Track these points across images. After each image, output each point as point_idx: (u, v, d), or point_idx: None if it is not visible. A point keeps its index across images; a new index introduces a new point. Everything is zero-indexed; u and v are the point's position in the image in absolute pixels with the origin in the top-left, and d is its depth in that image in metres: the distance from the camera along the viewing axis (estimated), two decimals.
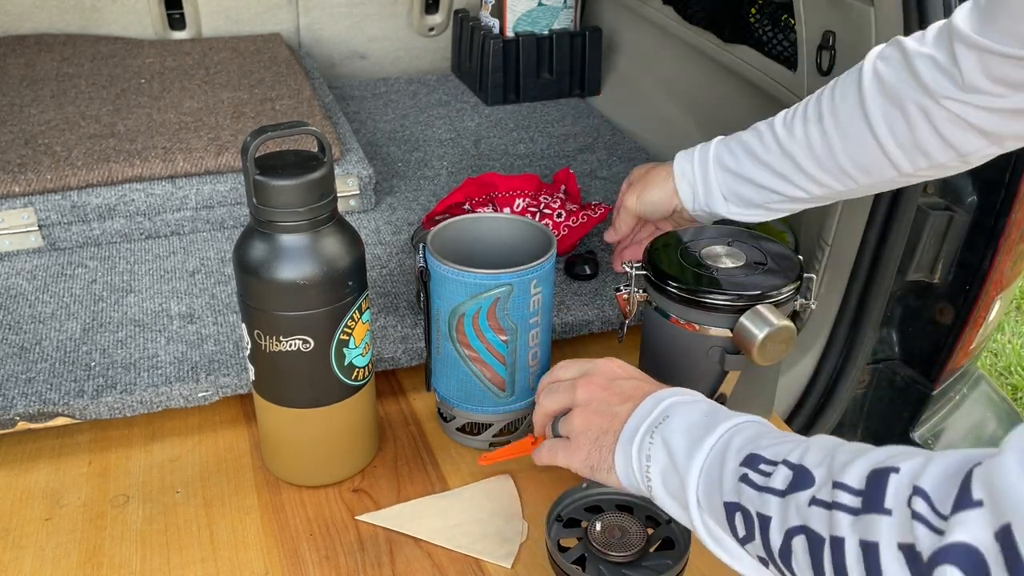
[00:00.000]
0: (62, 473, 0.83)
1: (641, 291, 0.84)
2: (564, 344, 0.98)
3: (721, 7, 1.27)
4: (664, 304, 0.81)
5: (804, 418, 1.13)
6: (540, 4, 1.55)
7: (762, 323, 0.75)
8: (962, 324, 1.05)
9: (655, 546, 0.69)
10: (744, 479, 0.53)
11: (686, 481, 0.57)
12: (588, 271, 1.03)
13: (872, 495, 0.45)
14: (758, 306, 0.77)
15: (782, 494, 0.51)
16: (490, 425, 0.84)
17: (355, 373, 0.77)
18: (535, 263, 0.77)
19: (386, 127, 1.48)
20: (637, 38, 1.57)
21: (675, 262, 0.82)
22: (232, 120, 1.23)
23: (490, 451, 0.80)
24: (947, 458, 0.44)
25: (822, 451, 0.51)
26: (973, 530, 0.39)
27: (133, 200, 1.09)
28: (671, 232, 0.88)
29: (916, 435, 1.14)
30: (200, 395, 0.87)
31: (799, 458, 0.51)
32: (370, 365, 0.80)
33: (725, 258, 0.82)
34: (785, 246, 0.86)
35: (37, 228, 1.06)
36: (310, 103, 1.30)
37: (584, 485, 0.73)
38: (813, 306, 0.81)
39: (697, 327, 0.79)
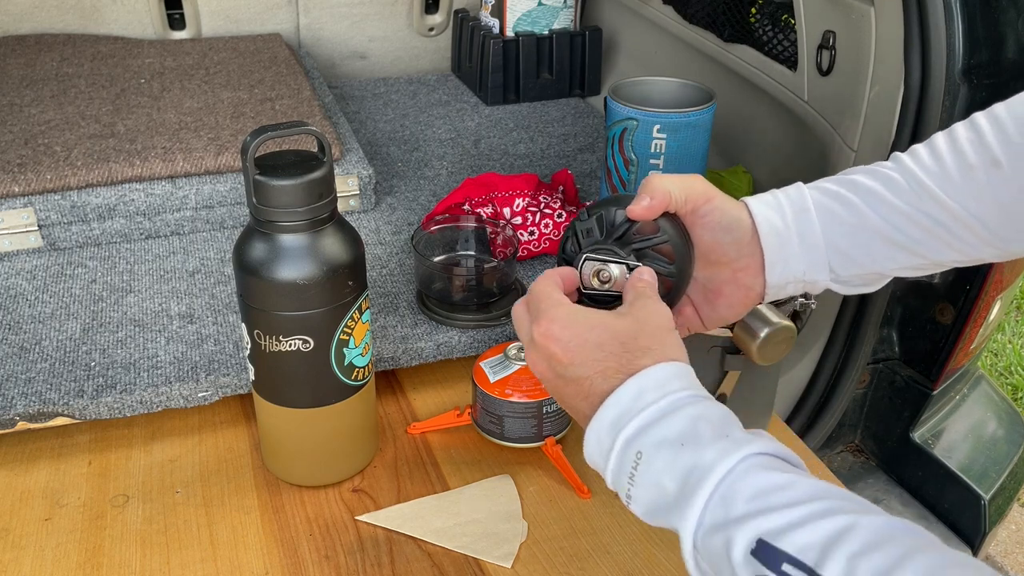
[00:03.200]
0: (62, 473, 0.83)
1: None
2: None
3: (721, 7, 1.27)
4: None
5: (804, 418, 1.13)
6: (540, 4, 1.55)
7: (762, 323, 0.75)
8: (962, 324, 1.05)
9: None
10: None
11: (681, 538, 0.49)
12: None
13: None
14: (758, 306, 0.77)
15: None
16: None
17: (355, 373, 0.77)
18: (662, 109, 1.00)
19: (386, 127, 1.48)
20: (637, 38, 1.57)
21: None
22: (232, 120, 1.23)
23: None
24: None
25: (873, 572, 0.41)
26: None
27: (133, 200, 1.09)
28: None
29: (916, 435, 1.14)
30: (200, 395, 0.86)
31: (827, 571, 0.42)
32: (370, 365, 0.80)
33: None
34: None
35: (37, 228, 1.06)
36: (310, 103, 1.30)
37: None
38: (813, 306, 0.81)
39: None
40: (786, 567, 0.43)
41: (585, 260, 0.63)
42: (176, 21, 1.58)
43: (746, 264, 0.66)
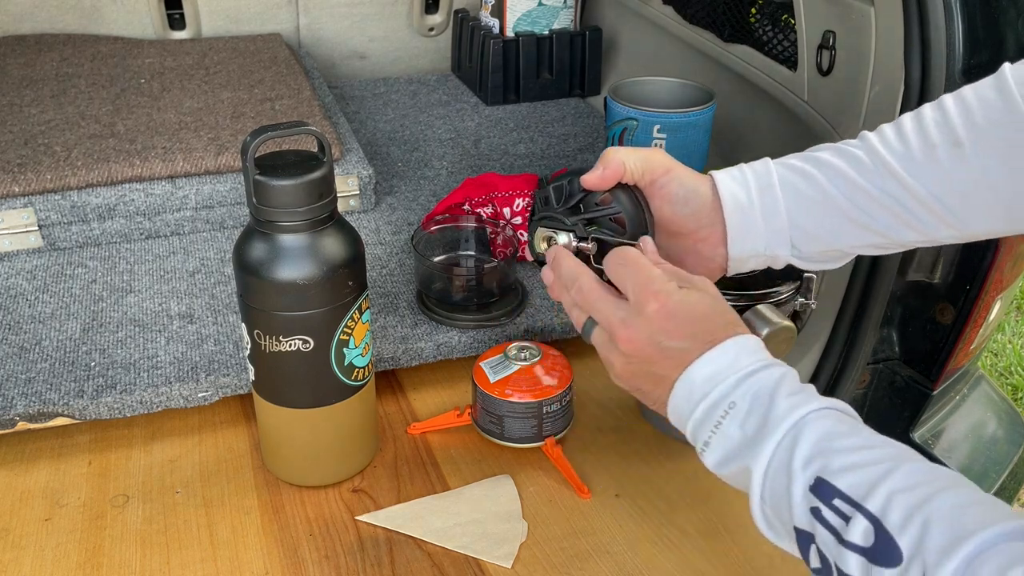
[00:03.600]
0: (62, 473, 0.83)
1: None
2: (564, 344, 0.97)
3: (721, 7, 1.27)
4: None
5: None
6: (540, 4, 1.55)
7: (762, 323, 0.76)
8: (962, 324, 1.05)
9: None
10: (817, 514, 0.49)
11: (751, 480, 0.54)
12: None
13: None
14: (758, 306, 0.77)
15: (865, 554, 0.46)
16: None
17: (355, 373, 0.77)
18: (662, 109, 1.00)
19: (386, 127, 1.48)
20: (637, 38, 1.57)
21: None
22: (232, 120, 1.23)
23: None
24: None
25: (907, 508, 0.46)
26: None
27: (133, 200, 1.09)
28: None
29: (916, 435, 1.14)
30: (200, 395, 0.86)
31: (881, 510, 0.47)
32: (370, 365, 0.80)
33: None
34: None
35: (37, 228, 1.06)
36: (310, 103, 1.30)
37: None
38: (813, 306, 0.81)
39: None
40: (837, 502, 0.48)
41: (537, 228, 0.66)
42: (176, 21, 1.58)
43: (706, 235, 0.68)
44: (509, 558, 0.74)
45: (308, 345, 0.73)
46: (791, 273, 0.80)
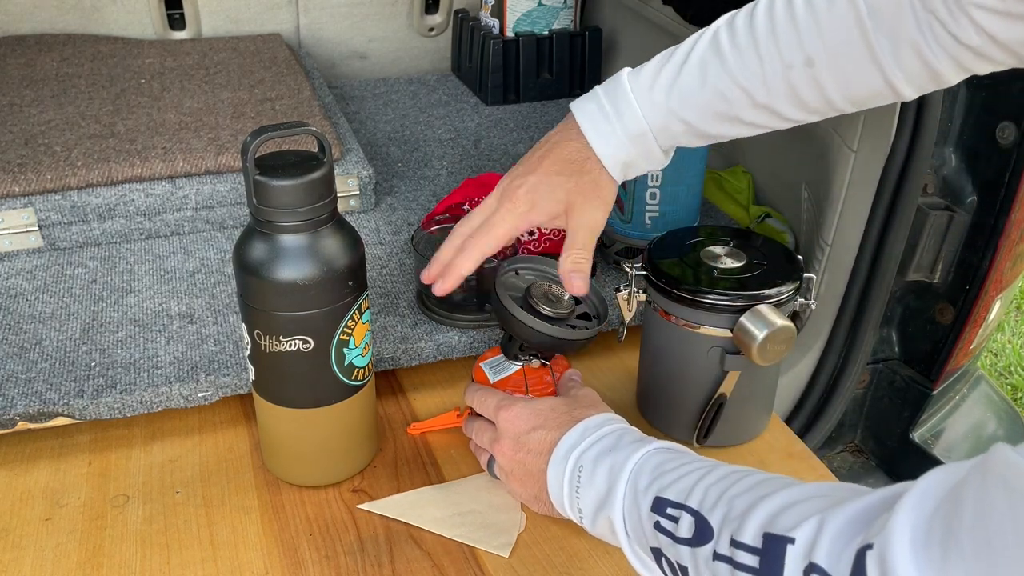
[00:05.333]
0: (62, 473, 0.83)
1: (641, 291, 0.84)
2: None
3: (721, 7, 1.27)
4: (664, 304, 0.81)
5: (804, 418, 1.13)
6: (540, 4, 1.55)
7: (762, 323, 0.76)
8: (962, 324, 1.05)
9: (579, 314, 0.83)
10: (658, 527, 0.57)
11: (614, 525, 0.62)
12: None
13: (770, 563, 0.47)
14: (758, 306, 0.77)
15: (690, 544, 0.54)
16: (613, 243, 1.04)
17: (355, 373, 0.77)
18: None
19: (386, 127, 1.48)
20: (637, 38, 1.57)
21: (675, 262, 0.82)
22: (232, 120, 1.23)
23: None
24: (838, 522, 0.45)
25: (718, 494, 0.54)
26: None
27: (133, 200, 1.09)
28: (670, 232, 0.88)
29: (916, 435, 1.14)
30: (200, 395, 0.87)
31: (699, 503, 0.55)
32: (370, 365, 0.80)
33: (725, 258, 0.82)
34: (785, 246, 0.86)
35: (37, 228, 1.06)
36: (310, 103, 1.30)
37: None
38: (813, 306, 0.81)
39: (697, 327, 0.79)
40: (669, 509, 0.57)
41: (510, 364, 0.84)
42: (176, 21, 1.58)
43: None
44: (507, 548, 0.74)
45: (308, 345, 0.73)
46: (791, 273, 0.80)
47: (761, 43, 0.67)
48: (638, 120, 0.72)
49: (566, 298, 0.83)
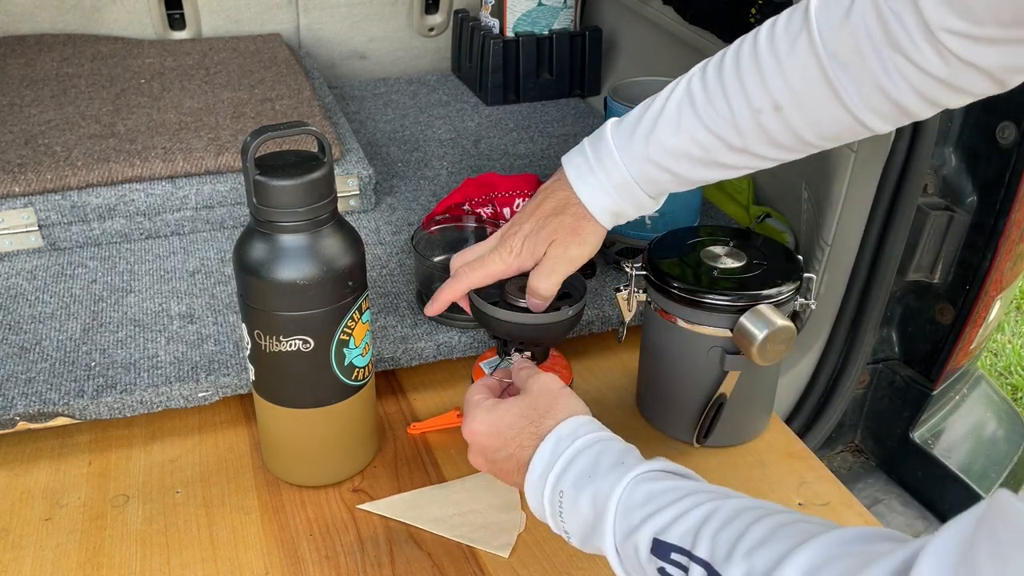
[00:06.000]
0: (62, 473, 0.83)
1: (641, 291, 0.84)
2: (564, 344, 0.98)
3: (721, 7, 1.27)
4: (664, 304, 0.81)
5: (804, 418, 1.14)
6: (540, 4, 1.55)
7: (762, 323, 0.76)
8: (962, 324, 1.05)
9: (560, 298, 0.80)
10: (663, 573, 0.53)
11: (607, 558, 0.58)
12: (587, 271, 1.03)
13: None
14: (758, 306, 0.77)
15: None
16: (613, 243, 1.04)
17: (355, 373, 0.77)
18: None
19: (386, 127, 1.48)
20: (637, 38, 1.57)
21: (675, 262, 0.82)
22: (232, 120, 1.23)
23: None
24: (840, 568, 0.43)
25: (729, 544, 0.50)
26: None
27: (133, 200, 1.09)
28: (670, 232, 0.88)
29: (916, 435, 1.14)
30: (200, 395, 0.87)
31: (709, 554, 0.50)
32: (370, 365, 0.80)
33: (725, 258, 0.82)
34: (785, 246, 0.86)
35: (37, 228, 1.06)
36: (310, 103, 1.30)
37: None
38: (813, 306, 0.81)
39: (697, 327, 0.79)
40: (674, 555, 0.52)
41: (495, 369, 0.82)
42: (176, 21, 1.58)
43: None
44: (507, 548, 0.75)
45: (308, 345, 0.73)
46: (791, 273, 0.80)
47: (729, 90, 0.67)
48: (620, 171, 0.74)
49: None
